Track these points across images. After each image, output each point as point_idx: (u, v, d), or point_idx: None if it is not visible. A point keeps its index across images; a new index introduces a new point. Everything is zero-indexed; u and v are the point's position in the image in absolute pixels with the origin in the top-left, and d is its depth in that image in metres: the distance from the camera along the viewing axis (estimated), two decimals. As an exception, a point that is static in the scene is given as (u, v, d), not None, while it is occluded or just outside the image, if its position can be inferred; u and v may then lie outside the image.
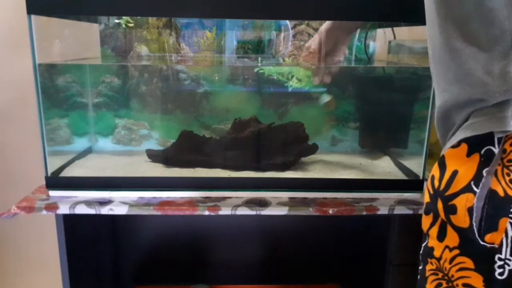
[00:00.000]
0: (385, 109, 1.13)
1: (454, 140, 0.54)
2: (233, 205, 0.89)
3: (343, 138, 1.20)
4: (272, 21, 1.11)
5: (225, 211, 0.89)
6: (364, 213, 0.90)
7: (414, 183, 0.96)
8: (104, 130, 1.16)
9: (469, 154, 0.52)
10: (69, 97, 1.10)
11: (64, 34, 1.03)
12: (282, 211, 0.89)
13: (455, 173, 0.53)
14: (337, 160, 1.11)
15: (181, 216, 0.89)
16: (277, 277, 1.41)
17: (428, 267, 0.59)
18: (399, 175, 1.02)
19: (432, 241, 0.58)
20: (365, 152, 1.18)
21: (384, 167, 1.08)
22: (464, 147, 0.53)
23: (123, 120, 1.16)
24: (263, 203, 0.91)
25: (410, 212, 0.90)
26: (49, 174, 0.93)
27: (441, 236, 0.56)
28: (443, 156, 0.55)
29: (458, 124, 0.55)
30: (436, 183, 0.55)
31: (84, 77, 1.13)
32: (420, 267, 0.61)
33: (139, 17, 1.09)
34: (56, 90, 1.05)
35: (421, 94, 1.00)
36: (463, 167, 0.52)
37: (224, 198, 0.93)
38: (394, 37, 1.14)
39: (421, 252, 0.61)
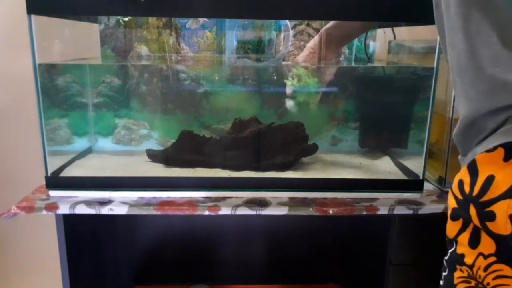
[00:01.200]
0: (385, 109, 1.13)
1: (488, 145, 0.52)
2: (233, 205, 0.89)
3: (343, 138, 1.20)
4: (272, 21, 1.11)
5: (225, 211, 0.89)
6: (364, 213, 0.90)
7: (414, 183, 0.96)
8: (104, 130, 1.16)
9: (506, 159, 0.51)
10: (69, 97, 1.10)
11: (64, 34, 1.03)
12: (282, 211, 0.89)
13: (491, 178, 0.51)
14: (337, 160, 1.11)
15: (181, 216, 0.89)
16: (277, 277, 1.41)
17: (457, 274, 0.57)
18: (399, 175, 1.02)
19: (462, 248, 0.56)
20: (365, 152, 1.18)
21: (384, 167, 1.08)
22: (500, 152, 0.51)
23: (123, 120, 1.16)
24: (263, 203, 0.91)
25: (410, 212, 0.90)
26: (49, 174, 0.93)
27: (474, 243, 0.55)
28: (474, 160, 0.53)
29: (491, 128, 0.53)
30: (467, 189, 0.53)
31: (84, 77, 1.13)
32: (445, 273, 0.60)
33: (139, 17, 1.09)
34: (56, 90, 1.05)
35: (421, 94, 1.00)
36: (500, 172, 0.50)
37: (224, 198, 0.93)
38: (394, 37, 1.14)
39: (446, 258, 0.60)
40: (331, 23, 0.98)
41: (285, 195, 0.95)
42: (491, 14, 0.51)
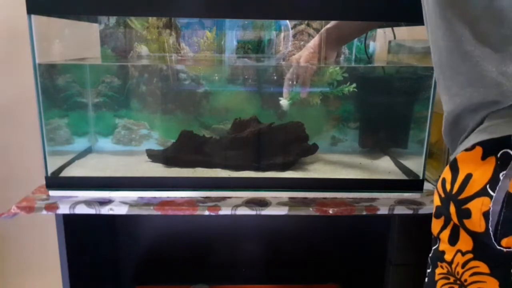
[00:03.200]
0: (385, 109, 1.13)
1: (468, 143, 0.53)
2: (233, 205, 0.89)
3: (343, 138, 1.20)
4: (272, 21, 1.11)
5: (225, 211, 0.89)
6: (364, 213, 0.90)
7: (414, 183, 0.96)
8: (104, 130, 1.16)
9: (484, 157, 0.51)
10: (69, 97, 1.10)
11: (64, 34, 1.03)
12: (282, 211, 0.89)
13: (469, 176, 0.52)
14: (337, 160, 1.11)
15: (181, 216, 0.89)
16: (277, 277, 1.41)
17: (438, 270, 0.58)
18: (399, 175, 1.02)
19: (443, 245, 0.57)
20: (365, 152, 1.18)
21: (384, 167, 1.08)
22: (478, 150, 0.52)
23: (123, 120, 1.16)
24: (263, 203, 0.91)
25: (410, 212, 0.90)
26: (49, 174, 0.93)
27: (453, 240, 0.56)
28: (455, 159, 0.54)
29: (472, 127, 0.54)
30: (448, 187, 0.54)
31: (84, 77, 1.13)
32: (429, 270, 0.61)
33: (139, 17, 1.09)
34: (56, 90, 1.05)
35: (421, 94, 1.00)
36: (478, 170, 0.51)
37: (224, 198, 0.93)
38: (394, 37, 1.14)
39: (430, 255, 0.60)
40: (331, 23, 0.98)
41: (285, 195, 0.95)
42: (462, 11, 0.52)
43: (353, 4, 0.84)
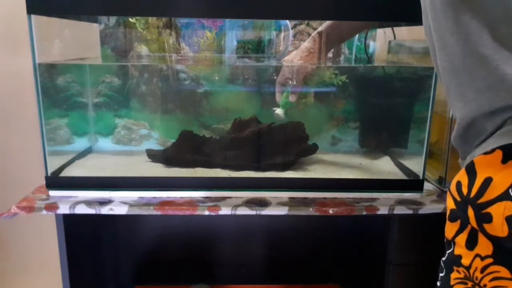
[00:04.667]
0: (385, 109, 1.13)
1: (487, 146, 0.52)
2: (233, 205, 0.89)
3: (343, 138, 1.20)
4: (272, 21, 1.11)
5: (225, 211, 0.89)
6: (364, 213, 0.90)
7: (414, 183, 0.96)
8: (104, 130, 1.16)
9: (505, 161, 0.50)
10: (69, 97, 1.10)
11: (64, 34, 1.03)
12: (282, 211, 0.89)
13: (488, 180, 0.51)
14: (337, 160, 1.11)
15: (181, 216, 0.89)
16: (277, 277, 1.41)
17: (454, 275, 0.57)
18: (399, 175, 1.02)
19: (459, 249, 0.56)
20: (365, 152, 1.18)
21: (384, 167, 1.08)
22: (498, 153, 0.51)
23: (123, 120, 1.16)
24: (263, 203, 0.91)
25: (410, 212, 0.90)
26: (49, 174, 0.93)
27: (471, 244, 0.55)
28: (472, 162, 0.53)
29: (491, 130, 0.53)
30: (465, 190, 0.53)
31: (84, 77, 1.13)
32: (442, 274, 0.60)
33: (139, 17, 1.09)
34: (56, 90, 1.05)
35: (421, 94, 1.00)
36: (498, 174, 0.50)
37: (224, 198, 0.93)
38: (394, 37, 1.14)
39: (444, 259, 0.60)
40: (326, 23, 0.98)
41: (285, 195, 0.95)
42: (479, 13, 0.51)
43: (353, 4, 0.84)
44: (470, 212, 0.53)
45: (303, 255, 1.40)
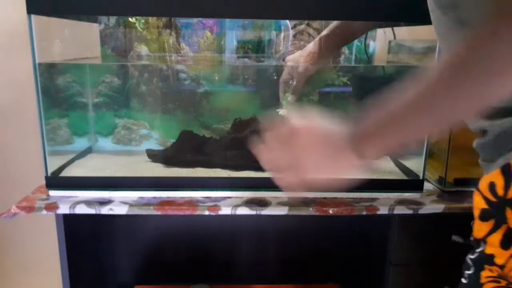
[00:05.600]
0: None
1: None
2: (233, 205, 0.89)
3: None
4: (272, 21, 1.11)
5: (225, 211, 0.88)
6: (364, 213, 0.90)
7: (414, 183, 0.96)
8: (104, 130, 1.16)
9: None
10: (69, 96, 1.10)
11: (64, 34, 1.03)
12: (282, 211, 0.89)
13: None
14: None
15: (181, 216, 0.89)
16: (277, 277, 1.41)
17: (485, 273, 0.57)
18: (399, 175, 1.02)
19: (492, 248, 0.57)
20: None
21: (384, 167, 1.08)
22: None
23: (123, 120, 1.16)
24: (263, 203, 0.91)
25: (410, 212, 0.90)
26: (49, 174, 0.93)
27: (506, 244, 0.55)
28: (508, 164, 0.54)
29: None
30: (500, 191, 0.54)
31: (84, 77, 1.13)
32: (470, 272, 0.60)
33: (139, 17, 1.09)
34: (56, 90, 1.05)
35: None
36: None
37: (224, 198, 0.93)
38: (394, 37, 1.14)
39: (472, 257, 0.60)
40: (325, 30, 0.98)
41: (285, 195, 0.95)
42: None
43: (353, 4, 0.84)
44: (509, 213, 0.53)
45: (303, 255, 1.39)
